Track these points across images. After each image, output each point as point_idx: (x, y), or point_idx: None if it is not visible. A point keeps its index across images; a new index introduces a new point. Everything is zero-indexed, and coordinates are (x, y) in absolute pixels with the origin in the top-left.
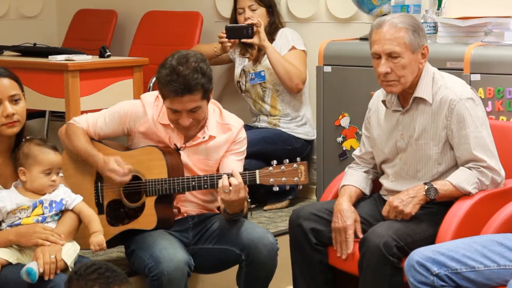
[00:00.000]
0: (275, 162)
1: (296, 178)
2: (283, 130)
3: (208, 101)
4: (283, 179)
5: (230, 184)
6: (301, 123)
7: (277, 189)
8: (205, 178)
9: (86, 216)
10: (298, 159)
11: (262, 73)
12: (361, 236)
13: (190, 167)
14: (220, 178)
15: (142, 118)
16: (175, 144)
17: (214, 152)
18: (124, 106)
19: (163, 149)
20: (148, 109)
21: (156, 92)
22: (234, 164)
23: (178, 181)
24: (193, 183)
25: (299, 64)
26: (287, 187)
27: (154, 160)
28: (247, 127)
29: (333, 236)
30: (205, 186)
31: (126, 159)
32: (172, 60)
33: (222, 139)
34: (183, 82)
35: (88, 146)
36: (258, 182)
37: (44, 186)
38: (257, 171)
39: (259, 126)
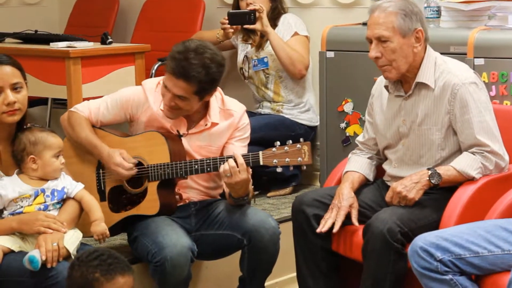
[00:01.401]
0: (278, 143)
1: (299, 159)
2: (286, 116)
3: (200, 99)
4: (287, 159)
5: (231, 167)
6: (304, 109)
7: (281, 170)
8: (207, 161)
9: (87, 203)
10: (301, 139)
11: (265, 60)
12: (356, 223)
13: (192, 154)
14: (223, 162)
15: (144, 104)
16: (177, 131)
17: (217, 138)
18: (126, 93)
19: (165, 134)
20: (149, 95)
21: (158, 79)
22: (239, 150)
23: (180, 165)
24: (196, 166)
25: (301, 50)
26: (291, 168)
27: (156, 145)
28: (250, 114)
29: (328, 211)
30: (208, 169)
31: (128, 145)
32: (192, 43)
33: (224, 125)
34: (184, 67)
35: (92, 137)
36: (261, 163)
37: (56, 170)
38: (260, 152)
39: (262, 113)
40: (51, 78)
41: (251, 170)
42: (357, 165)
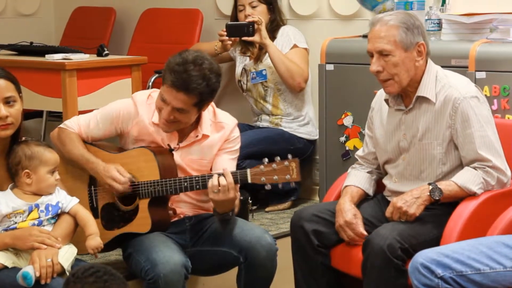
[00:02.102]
0: (266, 160)
1: (287, 176)
2: (285, 129)
3: (199, 110)
4: (275, 177)
5: (219, 184)
6: (304, 123)
7: (269, 187)
8: (197, 178)
9: (82, 218)
10: (289, 156)
11: (264, 72)
12: (363, 232)
13: (184, 168)
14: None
15: (134, 117)
16: (168, 145)
17: (208, 151)
18: (116, 107)
19: (154, 149)
20: (140, 108)
21: (148, 91)
22: (227, 163)
23: (170, 182)
24: (185, 184)
25: (301, 62)
26: (280, 185)
27: (146, 162)
28: (249, 127)
29: (341, 235)
30: (197, 186)
31: (118, 161)
32: (189, 55)
33: (215, 137)
34: (185, 80)
35: (85, 153)
36: (249, 181)
37: (51, 186)
38: (248, 170)
39: (260, 126)
40: (46, 91)
41: (238, 188)
42: (357, 179)
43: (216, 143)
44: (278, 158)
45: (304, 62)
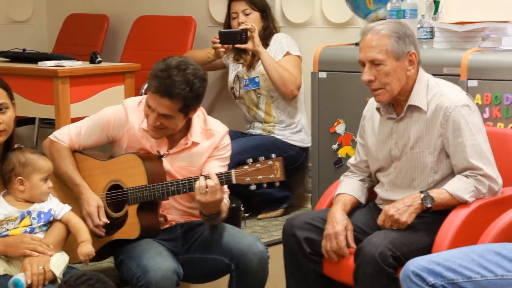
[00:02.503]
0: (250, 160)
1: (272, 175)
2: (278, 137)
3: (185, 116)
4: (259, 177)
5: (206, 186)
6: (296, 130)
7: (254, 187)
8: (183, 182)
9: (74, 225)
10: (273, 155)
11: (256, 79)
12: (353, 245)
13: (173, 174)
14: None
15: (125, 124)
16: (158, 151)
17: (198, 158)
18: (107, 113)
19: (142, 155)
20: (130, 114)
21: (139, 97)
22: (216, 169)
23: (157, 187)
24: (172, 187)
25: (293, 70)
26: (264, 185)
27: (134, 168)
28: (241, 134)
29: (323, 244)
30: (184, 190)
31: (107, 168)
32: (173, 61)
33: (205, 145)
34: (168, 85)
35: (73, 174)
36: (234, 181)
37: (43, 194)
38: (232, 171)
39: (253, 133)
40: (39, 98)
41: (225, 188)
42: (349, 187)
43: (206, 151)
44: (262, 158)
45: (297, 69)
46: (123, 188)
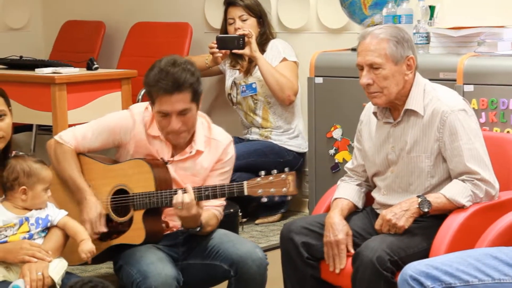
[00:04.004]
0: (263, 172)
1: (284, 189)
2: (275, 142)
3: (197, 106)
4: (272, 189)
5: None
6: (293, 136)
7: (266, 200)
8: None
9: (71, 228)
10: (286, 169)
11: (254, 85)
12: (352, 250)
13: (178, 182)
14: (207, 191)
15: (132, 130)
16: (161, 158)
17: (201, 169)
18: (113, 118)
19: (150, 162)
20: (137, 119)
21: (145, 103)
22: (218, 183)
23: (166, 194)
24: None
25: (290, 76)
26: (276, 198)
27: (142, 173)
28: (238, 140)
29: (325, 251)
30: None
31: (113, 172)
32: (159, 63)
33: (208, 158)
34: (172, 79)
35: (77, 177)
36: (246, 193)
37: (44, 202)
38: (245, 182)
39: (250, 139)
40: (36, 105)
41: (222, 201)
42: (346, 192)
43: (209, 164)
44: (275, 171)
45: (294, 75)
46: (128, 193)
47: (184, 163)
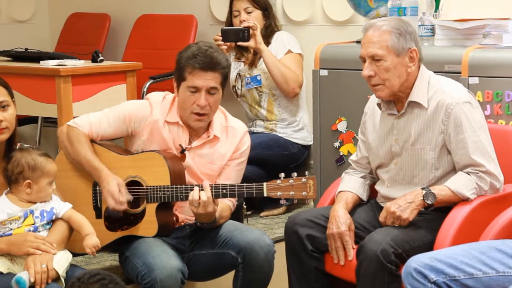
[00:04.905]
0: (282, 175)
1: (304, 193)
2: (280, 135)
3: (222, 92)
4: (291, 193)
5: (199, 198)
6: (298, 128)
7: (284, 202)
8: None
9: (76, 221)
10: (306, 173)
11: (258, 77)
12: (352, 245)
13: (194, 171)
14: (225, 189)
15: (148, 118)
16: (180, 145)
17: (218, 157)
18: (129, 106)
19: (165, 155)
20: (155, 108)
21: (163, 93)
22: (234, 174)
23: (181, 189)
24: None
25: (295, 68)
26: (295, 201)
27: (156, 166)
28: None
29: (329, 243)
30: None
31: (127, 163)
32: (197, 43)
33: (227, 143)
34: (210, 57)
35: (92, 158)
36: (265, 194)
37: (48, 196)
38: (264, 184)
39: (255, 131)
40: (41, 97)
41: (219, 201)
42: (351, 184)
43: (228, 150)
44: (295, 174)
45: (299, 67)
46: (141, 185)
47: (201, 149)
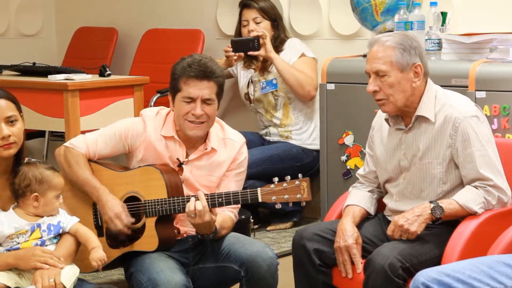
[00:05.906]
0: (276, 179)
1: (299, 195)
2: (295, 143)
3: (218, 104)
4: (286, 196)
5: (195, 209)
6: (313, 132)
7: (280, 206)
8: (206, 197)
9: (83, 235)
10: (299, 175)
11: (274, 81)
12: (360, 259)
13: (192, 183)
14: (221, 198)
15: (142, 134)
16: (177, 159)
17: (217, 168)
18: (124, 124)
19: (161, 168)
20: (148, 123)
21: (157, 108)
22: (233, 184)
23: (178, 201)
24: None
25: (309, 71)
26: (290, 205)
27: (153, 180)
28: (260, 138)
29: (336, 257)
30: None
31: (124, 179)
32: (192, 55)
33: (224, 154)
34: (204, 67)
35: (91, 179)
36: (260, 200)
37: (55, 209)
38: (258, 189)
39: (271, 140)
40: (49, 111)
41: (217, 210)
42: (358, 198)
43: (225, 161)
44: (289, 177)
45: (313, 70)
46: (139, 200)
47: (199, 162)
